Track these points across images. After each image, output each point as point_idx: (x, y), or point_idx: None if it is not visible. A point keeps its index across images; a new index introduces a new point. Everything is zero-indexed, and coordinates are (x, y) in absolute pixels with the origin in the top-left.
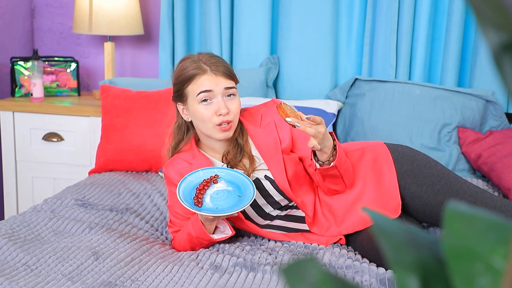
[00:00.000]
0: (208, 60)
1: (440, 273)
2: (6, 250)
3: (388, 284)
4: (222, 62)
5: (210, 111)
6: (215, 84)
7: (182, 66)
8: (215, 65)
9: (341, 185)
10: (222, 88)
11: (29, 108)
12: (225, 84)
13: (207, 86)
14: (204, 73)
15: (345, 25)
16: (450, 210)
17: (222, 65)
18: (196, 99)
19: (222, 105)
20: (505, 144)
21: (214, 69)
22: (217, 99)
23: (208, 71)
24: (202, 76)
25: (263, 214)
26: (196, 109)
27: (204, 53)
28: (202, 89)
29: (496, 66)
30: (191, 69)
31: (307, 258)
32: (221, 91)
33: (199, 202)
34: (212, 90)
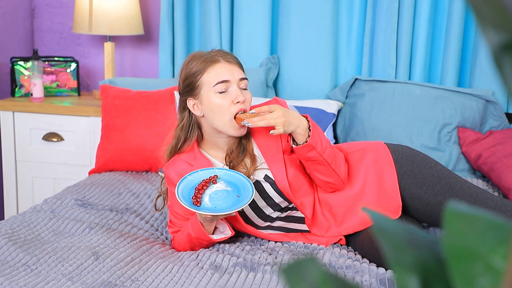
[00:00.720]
0: (219, 52)
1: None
2: (6, 250)
3: (388, 284)
4: (234, 55)
5: (227, 100)
6: (231, 73)
7: (192, 60)
8: (228, 55)
9: (333, 177)
10: (237, 78)
11: (29, 108)
12: (240, 75)
13: (224, 75)
14: (218, 62)
15: (345, 25)
16: (450, 210)
17: (234, 57)
18: (213, 89)
19: (239, 93)
20: (505, 144)
21: (228, 58)
22: (233, 88)
23: (221, 60)
24: (217, 64)
25: (263, 216)
26: (212, 100)
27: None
28: (219, 79)
29: (496, 66)
30: (203, 60)
31: (307, 258)
32: (236, 80)
33: (198, 202)
34: (229, 80)
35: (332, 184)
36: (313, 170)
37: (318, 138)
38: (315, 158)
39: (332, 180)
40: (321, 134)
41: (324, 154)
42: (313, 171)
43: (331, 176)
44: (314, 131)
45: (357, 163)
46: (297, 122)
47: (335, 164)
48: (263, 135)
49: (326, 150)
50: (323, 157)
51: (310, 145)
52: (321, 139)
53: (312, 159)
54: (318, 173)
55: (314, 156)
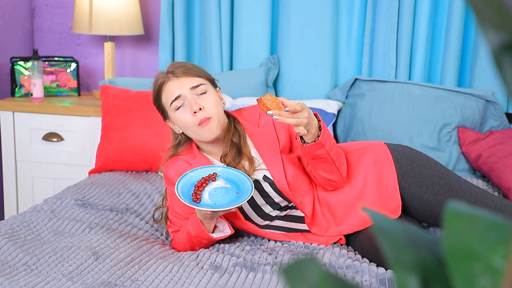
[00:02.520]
0: (171, 67)
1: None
2: (6, 250)
3: (388, 284)
4: (185, 64)
5: (187, 114)
6: (180, 88)
7: (154, 82)
8: (178, 69)
9: (336, 174)
10: (187, 89)
11: (29, 108)
12: (189, 84)
13: (174, 92)
14: (168, 80)
15: (345, 25)
16: (450, 210)
17: (184, 67)
18: (171, 108)
19: (193, 102)
20: (505, 144)
21: (177, 73)
22: (188, 101)
23: (171, 76)
24: (167, 84)
25: (263, 214)
26: (176, 118)
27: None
28: (172, 98)
29: (496, 66)
30: (157, 83)
31: (307, 258)
32: (188, 91)
33: (197, 199)
34: (180, 95)
35: (334, 181)
36: (317, 168)
37: (327, 136)
38: (323, 156)
39: (334, 177)
40: (328, 132)
41: (331, 152)
42: (318, 169)
43: (334, 173)
44: (324, 129)
45: (357, 162)
46: (313, 123)
47: (339, 163)
48: (260, 136)
49: (333, 148)
50: (330, 155)
51: (320, 143)
52: (329, 137)
53: (320, 156)
54: (322, 170)
55: (322, 154)
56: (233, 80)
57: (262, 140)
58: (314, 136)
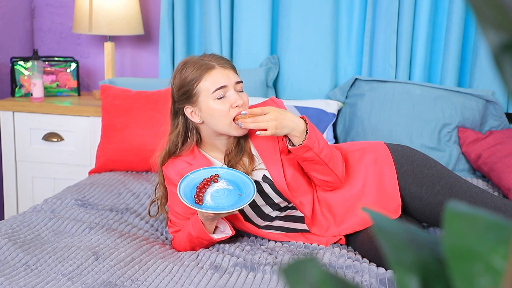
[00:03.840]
0: (212, 57)
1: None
2: (6, 250)
3: (388, 284)
4: (226, 59)
5: (226, 105)
6: (227, 78)
7: (186, 67)
8: (222, 60)
9: (331, 175)
10: (233, 82)
11: (29, 108)
12: (235, 78)
13: (221, 81)
14: (213, 68)
15: (345, 25)
16: (450, 210)
17: (228, 61)
18: (211, 96)
19: (237, 97)
20: (505, 144)
21: (222, 63)
22: (230, 92)
23: (216, 65)
24: (213, 71)
25: (263, 215)
26: (211, 106)
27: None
28: (217, 85)
29: (496, 66)
30: (198, 67)
31: (307, 258)
32: (233, 84)
33: (200, 200)
34: (226, 85)
35: (330, 182)
36: (310, 169)
37: (315, 139)
38: (312, 158)
39: (329, 179)
40: (318, 134)
41: (321, 154)
42: (311, 171)
43: (329, 175)
44: (312, 132)
45: (357, 162)
46: (291, 125)
47: (333, 164)
48: (260, 137)
49: (323, 150)
50: (320, 157)
51: (306, 146)
52: (318, 139)
53: (309, 159)
54: (316, 172)
55: (311, 157)
56: None
57: (262, 140)
58: (301, 139)
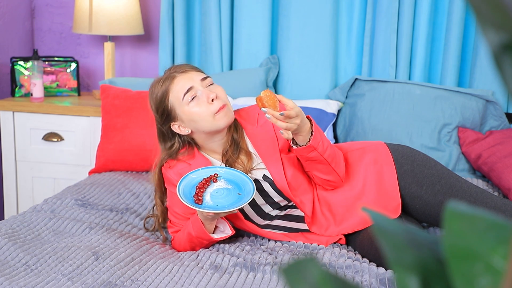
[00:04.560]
0: (172, 68)
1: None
2: (6, 250)
3: (388, 284)
4: (187, 64)
5: (202, 104)
6: (190, 80)
7: (153, 87)
8: (181, 67)
9: (333, 175)
10: (199, 80)
11: (29, 108)
12: (199, 76)
13: (186, 85)
14: (175, 77)
15: (345, 25)
16: (450, 210)
17: (188, 64)
18: (183, 103)
19: (208, 92)
20: (505, 144)
21: (182, 69)
22: (200, 91)
23: (177, 74)
24: (175, 80)
25: (263, 214)
26: (189, 111)
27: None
28: (183, 91)
29: (496, 66)
30: (162, 82)
31: (307, 258)
32: (199, 83)
33: (199, 200)
34: (192, 86)
35: (332, 182)
36: (312, 169)
37: (319, 139)
38: (316, 158)
39: (331, 178)
40: (322, 134)
41: (325, 154)
42: (313, 170)
43: (330, 174)
44: (317, 132)
45: (357, 162)
46: (304, 128)
47: (335, 163)
48: (259, 135)
49: (327, 150)
50: (324, 157)
51: (311, 146)
52: (322, 139)
53: (312, 159)
54: (318, 171)
55: (315, 156)
56: (233, 80)
57: (261, 139)
58: (306, 139)
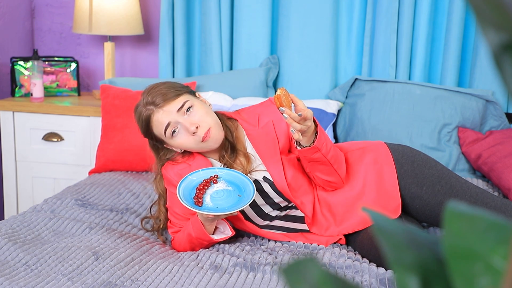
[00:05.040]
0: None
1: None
2: (6, 250)
3: (388, 284)
4: (161, 90)
5: (185, 136)
6: (167, 116)
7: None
8: (156, 98)
9: (334, 176)
10: (174, 112)
11: (29, 108)
12: (175, 107)
13: (163, 122)
14: (152, 113)
15: (345, 25)
16: (450, 210)
17: (161, 93)
18: (167, 137)
19: (187, 125)
20: (505, 144)
21: (158, 102)
22: (180, 124)
23: (154, 108)
24: (153, 117)
25: (263, 214)
26: (175, 144)
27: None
28: (162, 128)
29: (496, 66)
30: (143, 120)
31: (307, 258)
32: (176, 115)
33: (199, 202)
34: (169, 122)
35: (333, 183)
36: (314, 170)
37: (323, 140)
38: (320, 159)
39: (332, 179)
40: (326, 136)
41: (328, 155)
42: (315, 171)
43: (332, 175)
44: (321, 134)
45: (357, 162)
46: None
47: (337, 165)
48: (259, 137)
49: (330, 151)
50: (327, 158)
51: (316, 148)
52: (326, 141)
53: (316, 160)
54: (320, 172)
55: (318, 158)
56: (233, 80)
57: (262, 141)
58: (310, 140)
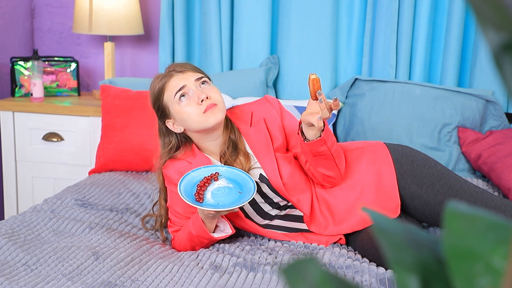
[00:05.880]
0: (171, 66)
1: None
2: (6, 250)
3: (388, 284)
4: (186, 63)
5: (192, 104)
6: (185, 80)
7: (152, 83)
8: (180, 66)
9: (335, 170)
10: (193, 80)
11: (29, 108)
12: (194, 76)
13: (179, 84)
14: (172, 76)
15: (345, 25)
16: (450, 210)
17: (188, 64)
18: (175, 101)
19: (199, 92)
20: (505, 144)
21: (180, 69)
22: (192, 90)
23: (174, 73)
24: (171, 79)
25: (262, 213)
26: (179, 111)
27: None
28: (176, 89)
29: (496, 66)
30: (160, 80)
31: (307, 258)
32: (193, 83)
33: (200, 198)
34: (184, 85)
35: (332, 178)
36: (318, 165)
37: (329, 133)
38: (325, 152)
39: (333, 174)
40: (329, 129)
41: (332, 149)
42: (318, 166)
43: (333, 170)
44: (327, 125)
45: (356, 161)
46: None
47: (339, 159)
48: (253, 134)
49: (333, 145)
50: (331, 151)
51: (323, 140)
52: (330, 134)
53: (321, 153)
54: (322, 167)
55: (324, 151)
56: (233, 80)
57: (255, 138)
58: (316, 134)
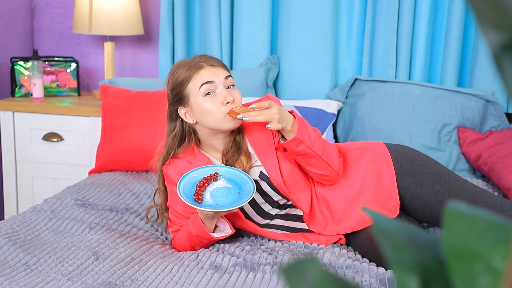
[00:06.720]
0: (202, 58)
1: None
2: (6, 250)
3: (388, 284)
4: (216, 58)
5: (216, 102)
6: (215, 75)
7: (177, 69)
8: (211, 60)
9: (326, 169)
10: (222, 78)
11: (29, 108)
12: (224, 74)
13: (208, 77)
14: (202, 68)
15: (345, 25)
16: (450, 210)
17: (218, 60)
18: (199, 93)
19: (227, 93)
20: (505, 144)
21: (211, 62)
22: (220, 89)
23: (205, 65)
24: (201, 70)
25: (262, 213)
26: (201, 104)
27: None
28: (203, 81)
29: (496, 66)
30: (188, 67)
31: (307, 258)
32: (222, 81)
33: (199, 199)
34: (213, 81)
35: (326, 176)
36: (305, 164)
37: (305, 132)
38: (305, 151)
39: (326, 172)
40: (308, 128)
41: (313, 147)
42: (306, 165)
43: (324, 168)
44: (301, 125)
45: (356, 161)
46: (287, 119)
47: (327, 156)
48: (255, 133)
49: (315, 143)
50: (313, 150)
51: (297, 139)
52: (308, 132)
53: (302, 153)
54: (311, 166)
55: (303, 150)
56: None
57: (257, 137)
58: (293, 132)
